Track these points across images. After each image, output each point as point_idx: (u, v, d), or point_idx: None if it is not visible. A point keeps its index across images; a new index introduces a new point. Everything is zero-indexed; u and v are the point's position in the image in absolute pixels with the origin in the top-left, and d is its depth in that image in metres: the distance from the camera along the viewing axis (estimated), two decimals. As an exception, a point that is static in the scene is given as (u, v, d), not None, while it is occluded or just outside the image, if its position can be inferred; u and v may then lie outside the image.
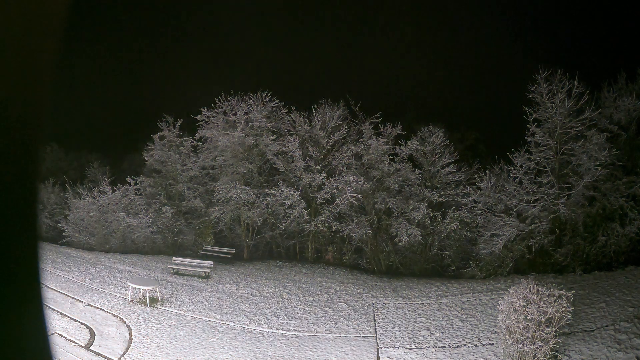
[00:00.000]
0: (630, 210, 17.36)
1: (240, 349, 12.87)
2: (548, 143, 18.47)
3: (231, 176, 22.24)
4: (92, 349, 12.27)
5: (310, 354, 12.83)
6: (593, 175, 17.37)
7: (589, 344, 11.31)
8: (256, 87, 22.22)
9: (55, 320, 13.34)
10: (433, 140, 20.75)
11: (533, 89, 18.60)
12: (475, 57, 27.87)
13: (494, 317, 12.72)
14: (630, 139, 18.76)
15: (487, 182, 19.03)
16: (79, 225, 22.63)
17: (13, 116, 1.35)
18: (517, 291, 11.13)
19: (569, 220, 18.04)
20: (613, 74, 19.82)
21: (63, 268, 18.24)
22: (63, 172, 25.58)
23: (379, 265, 21.41)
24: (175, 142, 23.41)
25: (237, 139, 21.45)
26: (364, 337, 13.85)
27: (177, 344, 12.88)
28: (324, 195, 20.90)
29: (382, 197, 20.43)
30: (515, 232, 18.36)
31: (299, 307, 16.11)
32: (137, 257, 20.93)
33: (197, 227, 23.83)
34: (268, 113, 22.05)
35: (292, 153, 21.35)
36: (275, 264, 21.70)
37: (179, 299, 16.07)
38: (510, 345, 10.92)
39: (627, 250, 17.40)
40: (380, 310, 15.78)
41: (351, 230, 20.59)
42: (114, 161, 26.47)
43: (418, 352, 12.67)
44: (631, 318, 12.10)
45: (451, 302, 15.87)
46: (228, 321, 14.74)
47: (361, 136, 21.45)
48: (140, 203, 22.68)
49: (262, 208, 21.74)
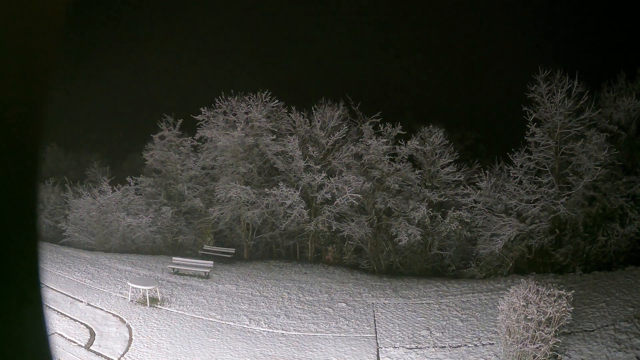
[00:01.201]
0: (630, 210, 17.36)
1: (240, 349, 12.87)
2: (548, 143, 18.47)
3: (231, 176, 22.24)
4: (92, 349, 12.28)
5: (310, 354, 12.84)
6: (593, 175, 17.37)
7: (589, 344, 11.31)
8: (256, 87, 22.25)
9: (55, 320, 13.34)
10: (433, 140, 20.75)
11: (533, 89, 18.61)
12: (475, 57, 27.88)
13: (494, 317, 12.73)
14: (630, 139, 18.77)
15: (487, 182, 19.03)
16: (79, 225, 22.65)
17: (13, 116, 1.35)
18: (517, 291, 11.14)
19: (569, 220, 18.04)
20: (613, 74, 19.85)
21: (63, 268, 18.25)
22: (63, 172, 25.56)
23: (379, 265, 21.41)
24: (175, 142, 23.42)
25: (237, 138, 21.46)
26: (364, 337, 13.85)
27: (177, 344, 12.88)
28: (324, 195, 20.90)
29: (382, 197, 20.43)
30: (515, 232, 18.36)
31: (299, 307, 16.12)
32: (137, 257, 20.94)
33: (197, 227, 23.83)
34: (268, 113, 22.05)
35: (292, 153, 21.35)
36: (275, 264, 21.70)
37: (179, 299, 16.07)
38: (510, 345, 10.92)
39: (627, 250, 17.40)
40: (380, 310, 15.78)
41: (351, 230, 20.59)
42: (114, 161, 26.48)
43: (418, 352, 12.67)
44: (631, 318, 12.10)
45: (451, 302, 15.87)
46: (228, 321, 14.75)
47: (361, 136, 21.44)
48: (140, 203, 22.70)
49: (262, 208, 21.74)
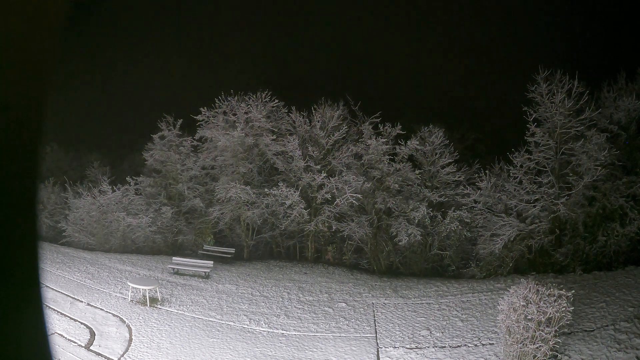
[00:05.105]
0: (630, 210, 17.36)
1: (240, 349, 12.87)
2: (548, 143, 18.46)
3: (231, 176, 22.23)
4: (92, 349, 12.28)
5: (310, 354, 12.84)
6: (593, 175, 17.37)
7: (589, 344, 11.31)
8: (256, 87, 22.24)
9: (55, 320, 13.34)
10: (433, 140, 20.76)
11: (533, 89, 18.61)
12: (475, 57, 27.85)
13: (494, 317, 12.73)
14: (630, 139, 18.76)
15: (487, 182, 19.03)
16: (79, 225, 22.64)
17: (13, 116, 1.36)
18: (517, 291, 11.14)
19: (569, 220, 18.04)
20: (613, 74, 19.82)
21: (63, 268, 18.25)
22: (63, 172, 25.55)
23: (379, 265, 21.41)
24: (175, 142, 23.42)
25: (237, 138, 21.46)
26: (364, 337, 13.86)
27: (177, 344, 12.88)
28: (324, 195, 20.90)
29: (382, 197, 20.43)
30: (515, 232, 18.35)
31: (299, 307, 16.12)
32: (137, 257, 20.94)
33: (197, 227, 23.82)
34: (268, 113, 22.05)
35: (292, 153, 21.35)
36: (275, 264, 21.70)
37: (179, 299, 16.07)
38: (510, 345, 10.92)
39: (627, 250, 17.40)
40: (380, 310, 15.78)
41: (351, 230, 20.59)
42: (114, 161, 26.44)
43: (418, 352, 12.67)
44: (631, 318, 12.11)
45: (451, 302, 15.88)
46: (228, 321, 14.75)
47: (361, 136, 21.44)
48: (140, 203, 22.69)
49: (262, 208, 21.74)
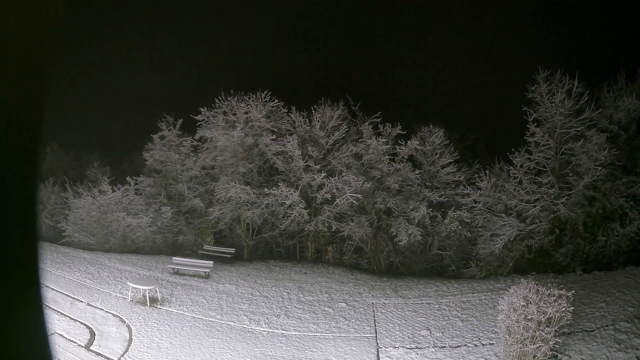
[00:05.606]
0: (630, 210, 17.36)
1: (240, 349, 12.87)
2: (548, 143, 18.46)
3: (231, 176, 22.23)
4: (92, 349, 12.28)
5: (310, 354, 12.84)
6: (593, 175, 17.37)
7: (589, 344, 11.31)
8: (256, 87, 22.24)
9: (55, 320, 13.34)
10: (433, 140, 20.76)
11: (533, 89, 18.60)
12: (475, 57, 27.86)
13: (494, 317, 12.73)
14: (630, 139, 18.76)
15: (487, 182, 19.03)
16: (79, 225, 22.64)
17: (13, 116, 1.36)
18: (517, 291, 11.14)
19: (569, 220, 18.04)
20: (613, 74, 19.82)
21: (63, 268, 18.25)
22: (63, 172, 25.55)
23: (379, 265, 21.40)
24: (175, 142, 23.42)
25: (237, 138, 21.46)
26: (364, 337, 13.86)
27: (177, 344, 12.88)
28: (323, 195, 20.89)
29: (382, 197, 20.42)
30: (515, 232, 18.35)
31: (299, 307, 16.12)
32: (137, 257, 20.94)
33: (197, 227, 23.83)
34: (268, 113, 22.05)
35: (292, 153, 21.35)
36: (275, 264, 21.69)
37: (179, 299, 16.07)
38: (510, 345, 10.92)
39: (627, 250, 17.41)
40: (380, 310, 15.78)
41: (351, 230, 20.58)
42: (114, 161, 26.46)
43: (418, 352, 12.67)
44: (631, 318, 12.11)
45: (451, 302, 15.88)
46: (228, 321, 14.75)
47: (361, 136, 21.44)
48: (140, 203, 22.69)
49: (262, 208, 21.74)
